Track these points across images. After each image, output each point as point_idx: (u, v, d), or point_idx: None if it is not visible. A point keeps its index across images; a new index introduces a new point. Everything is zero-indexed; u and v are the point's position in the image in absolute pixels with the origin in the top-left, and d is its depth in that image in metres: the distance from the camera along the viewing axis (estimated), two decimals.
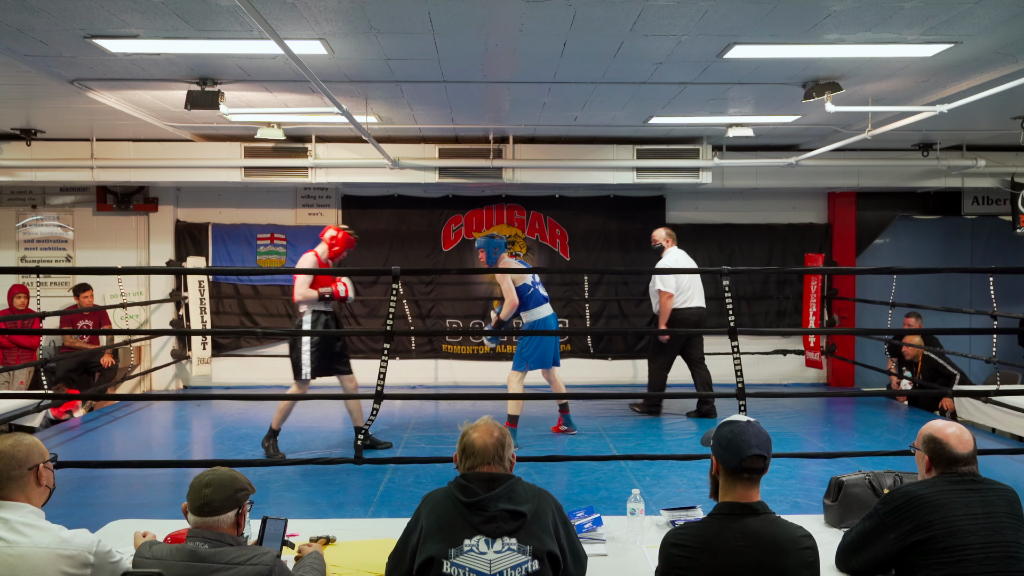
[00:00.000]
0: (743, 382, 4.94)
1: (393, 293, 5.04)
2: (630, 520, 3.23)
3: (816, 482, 4.87)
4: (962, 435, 2.57)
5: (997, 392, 6.05)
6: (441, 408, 7.77)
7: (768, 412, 7.25)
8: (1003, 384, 6.48)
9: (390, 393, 4.95)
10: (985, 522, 2.38)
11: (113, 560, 2.43)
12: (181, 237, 9.04)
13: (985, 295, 6.90)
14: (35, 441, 2.53)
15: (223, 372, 9.06)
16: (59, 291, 8.72)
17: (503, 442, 2.47)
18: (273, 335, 8.78)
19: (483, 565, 2.27)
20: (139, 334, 8.75)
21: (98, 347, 8.07)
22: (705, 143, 7.98)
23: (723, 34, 4.53)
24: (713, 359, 8.61)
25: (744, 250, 9.32)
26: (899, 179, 8.62)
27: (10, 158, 7.77)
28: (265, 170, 7.98)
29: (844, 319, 9.25)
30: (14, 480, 2.40)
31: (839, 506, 3.33)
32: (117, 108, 6.26)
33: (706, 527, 2.27)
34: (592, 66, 5.24)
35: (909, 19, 4.25)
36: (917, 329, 7.44)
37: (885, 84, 5.67)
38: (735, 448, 2.30)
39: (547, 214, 9.26)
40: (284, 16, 4.14)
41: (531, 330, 6.36)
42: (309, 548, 2.87)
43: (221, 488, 2.40)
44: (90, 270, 8.48)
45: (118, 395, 8.29)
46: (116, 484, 5.00)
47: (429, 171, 8.04)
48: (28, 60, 5.03)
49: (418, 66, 5.22)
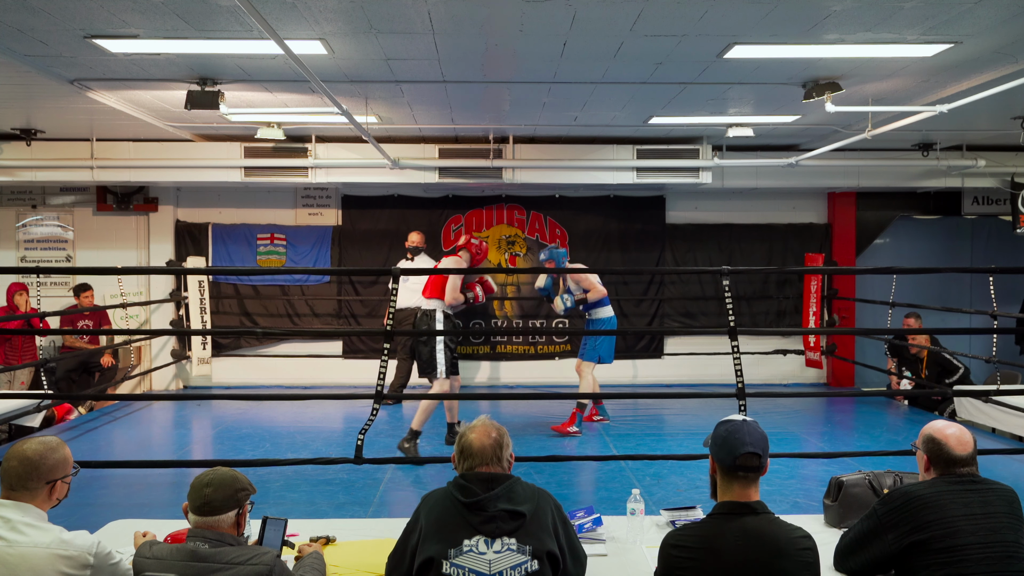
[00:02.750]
0: (743, 382, 4.94)
1: (393, 293, 5.04)
2: (630, 520, 3.23)
3: (816, 482, 4.87)
4: (962, 436, 2.56)
5: (997, 392, 6.06)
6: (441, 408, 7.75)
7: (768, 412, 7.25)
8: (1003, 384, 6.48)
9: (390, 393, 4.95)
10: (984, 522, 2.38)
11: (113, 562, 2.43)
12: (181, 237, 9.04)
13: (985, 295, 6.90)
14: (65, 455, 2.50)
15: (223, 372, 9.06)
16: (59, 291, 8.72)
17: (501, 442, 2.47)
18: (273, 335, 8.80)
19: (483, 565, 2.27)
20: (139, 334, 8.75)
21: (98, 347, 8.07)
22: (705, 143, 7.98)
23: (723, 34, 4.53)
24: (713, 359, 8.66)
25: (744, 250, 9.32)
26: (899, 179, 8.62)
27: (10, 158, 7.78)
28: (265, 170, 7.98)
29: (844, 319, 9.25)
30: (28, 488, 2.41)
31: (839, 506, 3.33)
32: (117, 108, 6.26)
33: (705, 527, 2.27)
34: (592, 66, 5.24)
35: (909, 19, 4.25)
36: (917, 329, 7.44)
37: (885, 84, 5.67)
38: (729, 446, 2.30)
39: (547, 214, 9.27)
40: (284, 16, 4.14)
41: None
42: (309, 548, 2.87)
43: (222, 488, 2.40)
44: (90, 270, 8.48)
45: (118, 395, 8.29)
46: (116, 484, 5.01)
47: (429, 171, 8.04)
48: (28, 60, 5.03)
49: (418, 66, 5.22)
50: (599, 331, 6.73)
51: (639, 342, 9.33)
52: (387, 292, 8.54)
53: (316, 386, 9.05)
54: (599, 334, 6.72)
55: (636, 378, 9.23)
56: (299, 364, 9.09)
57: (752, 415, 2.51)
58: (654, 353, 9.37)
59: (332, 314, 9.15)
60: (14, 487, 2.40)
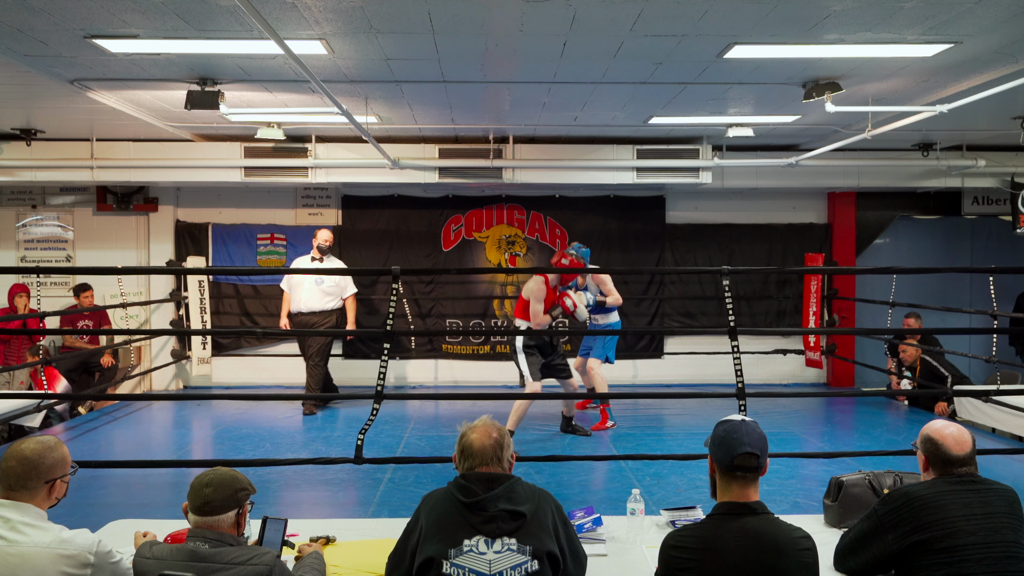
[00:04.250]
0: (743, 382, 4.94)
1: (393, 293, 5.04)
2: (630, 520, 3.23)
3: (816, 482, 4.87)
4: (961, 436, 2.56)
5: (997, 392, 6.05)
6: (441, 408, 7.76)
7: (768, 412, 7.25)
8: (1003, 384, 6.47)
9: (390, 393, 4.95)
10: (984, 522, 2.38)
11: (113, 560, 2.44)
12: (181, 237, 9.04)
13: (985, 295, 6.90)
14: (63, 454, 2.51)
15: (223, 372, 9.05)
16: (59, 291, 8.72)
17: (501, 443, 2.47)
18: (273, 335, 8.79)
19: (483, 565, 2.27)
20: (139, 334, 8.74)
21: (98, 347, 8.07)
22: (705, 143, 7.98)
23: (723, 34, 4.53)
24: (713, 359, 8.66)
25: (744, 250, 9.31)
26: (899, 179, 8.61)
27: (10, 158, 7.77)
28: (265, 170, 7.97)
29: (844, 319, 9.25)
30: (27, 488, 2.41)
31: (839, 506, 3.34)
32: (117, 108, 6.26)
33: (704, 527, 2.27)
34: (592, 66, 5.24)
35: (909, 19, 4.25)
36: (917, 329, 7.44)
37: (885, 84, 5.67)
38: (727, 446, 2.31)
39: (547, 214, 9.26)
40: (284, 16, 4.14)
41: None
42: (309, 548, 2.87)
43: (221, 488, 2.41)
44: (90, 270, 8.47)
45: (118, 395, 8.29)
46: (116, 484, 5.01)
47: (429, 171, 8.03)
48: (28, 60, 5.03)
49: (418, 66, 5.22)
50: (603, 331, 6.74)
51: (639, 342, 9.32)
52: (387, 292, 8.54)
53: None
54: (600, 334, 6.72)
55: (636, 378, 9.22)
56: (299, 364, 9.07)
57: (752, 415, 2.51)
58: (654, 353, 9.37)
59: None
60: (13, 487, 2.40)
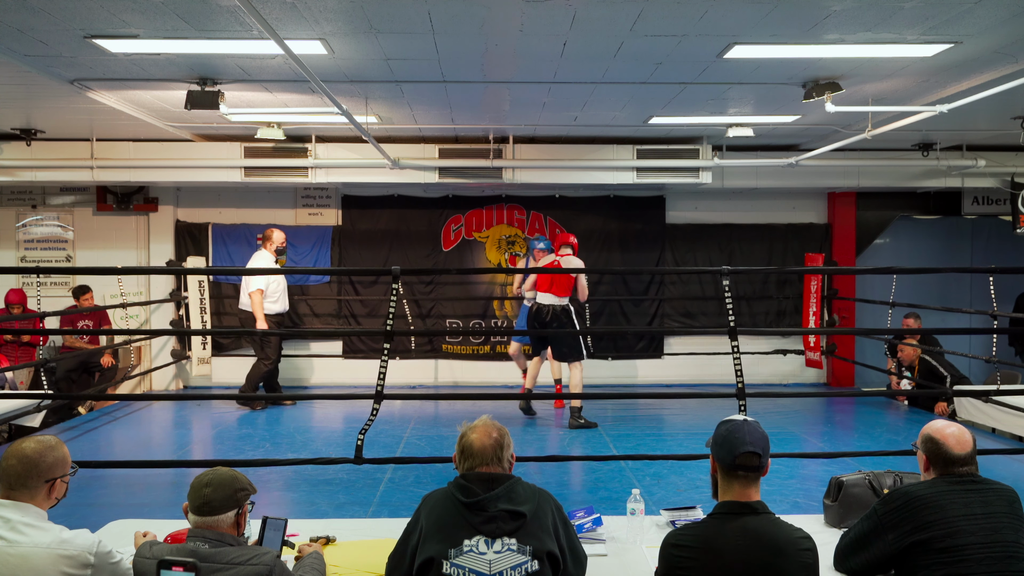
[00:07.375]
0: (743, 382, 4.94)
1: (393, 293, 5.04)
2: (630, 520, 3.23)
3: (816, 482, 4.87)
4: (962, 436, 2.56)
5: (997, 392, 6.05)
6: (441, 408, 7.76)
7: (768, 412, 7.24)
8: (1003, 384, 6.47)
9: (390, 393, 4.96)
10: (985, 522, 2.38)
11: (113, 560, 2.43)
12: (181, 237, 9.04)
13: (985, 295, 6.90)
14: (63, 453, 2.51)
15: (223, 372, 9.05)
16: (59, 291, 8.72)
17: (501, 443, 2.47)
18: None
19: (483, 565, 2.27)
20: (139, 334, 8.75)
21: (98, 347, 8.07)
22: (705, 143, 7.98)
23: (723, 34, 4.53)
24: (713, 359, 8.66)
25: (744, 250, 9.32)
26: (899, 179, 8.61)
27: (10, 158, 7.77)
28: (265, 170, 7.97)
29: (844, 319, 9.25)
30: (28, 487, 2.41)
31: (839, 506, 3.34)
32: (117, 108, 6.26)
33: (705, 527, 2.27)
34: (592, 66, 5.24)
35: (909, 19, 4.25)
36: (917, 329, 7.43)
37: (885, 84, 5.67)
38: (729, 445, 2.31)
39: (547, 214, 9.26)
40: (284, 16, 4.14)
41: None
42: (309, 548, 2.87)
43: (221, 488, 2.40)
44: (90, 270, 8.48)
45: (118, 395, 8.29)
46: (116, 484, 5.01)
47: (429, 171, 8.03)
48: (28, 60, 5.03)
49: (418, 66, 5.22)
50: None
51: (639, 342, 9.31)
52: (387, 292, 8.54)
53: (316, 386, 9.05)
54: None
55: (636, 378, 9.22)
56: (299, 364, 9.10)
57: (752, 415, 2.51)
58: (654, 353, 9.36)
59: (332, 314, 9.15)
60: (13, 486, 2.40)
